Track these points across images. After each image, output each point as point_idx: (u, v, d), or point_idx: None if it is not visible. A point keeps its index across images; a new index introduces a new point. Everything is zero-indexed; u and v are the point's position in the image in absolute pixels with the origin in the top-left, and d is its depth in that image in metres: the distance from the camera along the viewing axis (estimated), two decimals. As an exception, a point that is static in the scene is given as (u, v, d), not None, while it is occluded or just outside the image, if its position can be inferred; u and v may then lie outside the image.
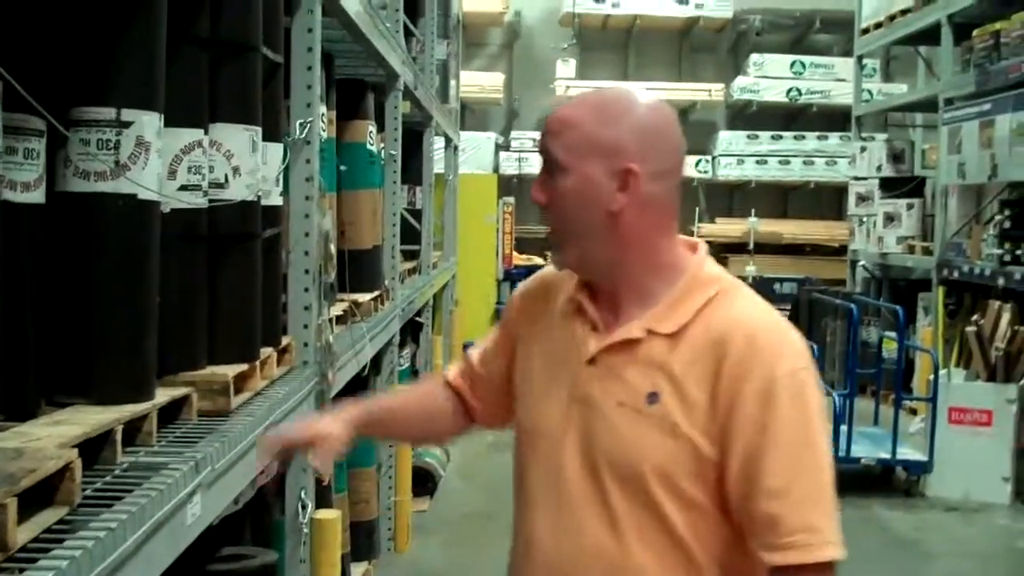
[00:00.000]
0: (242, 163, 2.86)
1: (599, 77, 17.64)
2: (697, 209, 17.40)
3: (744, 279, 13.31)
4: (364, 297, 4.93)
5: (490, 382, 2.26)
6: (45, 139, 2.24)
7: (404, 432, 2.54)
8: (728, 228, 17.36)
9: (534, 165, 17.00)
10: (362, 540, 5.47)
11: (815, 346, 7.63)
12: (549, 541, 1.99)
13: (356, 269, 5.11)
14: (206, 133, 2.73)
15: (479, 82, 16.59)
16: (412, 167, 8.12)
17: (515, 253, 13.60)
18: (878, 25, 12.01)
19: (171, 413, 2.53)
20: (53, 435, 1.96)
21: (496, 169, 15.88)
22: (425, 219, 8.15)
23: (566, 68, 17.48)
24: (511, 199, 13.81)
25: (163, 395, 2.45)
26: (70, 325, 2.31)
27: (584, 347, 1.98)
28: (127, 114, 2.32)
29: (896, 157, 12.05)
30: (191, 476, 2.17)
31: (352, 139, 5.14)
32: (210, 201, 2.77)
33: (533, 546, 2.02)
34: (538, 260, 14.51)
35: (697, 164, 17.37)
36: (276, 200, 3.24)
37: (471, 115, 16.95)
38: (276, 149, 3.22)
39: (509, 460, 2.16)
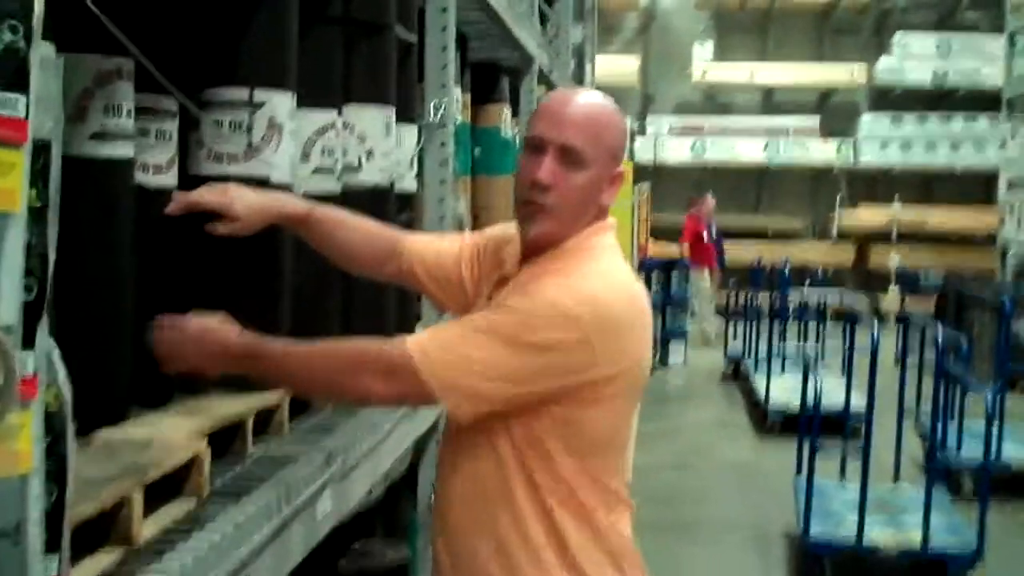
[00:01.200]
0: (376, 145, 2.79)
1: (737, 59, 17.34)
2: (838, 196, 16.97)
3: (887, 270, 12.85)
4: (499, 284, 4.84)
5: (448, 279, 2.36)
6: (177, 120, 2.20)
7: (338, 250, 2.39)
8: (870, 216, 16.88)
9: (670, 150, 16.83)
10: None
11: (964, 340, 7.30)
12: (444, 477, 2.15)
13: (491, 255, 5.04)
14: (339, 115, 2.67)
15: (613, 67, 16.40)
16: (547, 152, 8.02)
17: (651, 241, 13.41)
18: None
19: (304, 403, 2.48)
20: (184, 425, 1.91)
21: (631, 155, 15.68)
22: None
23: (703, 51, 17.21)
24: (646, 185, 13.61)
25: (295, 384, 2.39)
26: (204, 310, 2.26)
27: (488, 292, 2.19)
28: (259, 94, 2.27)
29: (1051, 141, 11.53)
30: (322, 469, 2.10)
31: (486, 123, 5.05)
32: (343, 185, 2.70)
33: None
34: (673, 249, 14.30)
35: (839, 149, 16.94)
36: (410, 184, 3.17)
37: (606, 100, 16.76)
38: (410, 132, 3.15)
39: (642, 456, 2.21)
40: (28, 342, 1.18)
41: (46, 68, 1.19)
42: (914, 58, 16.81)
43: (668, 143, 17.06)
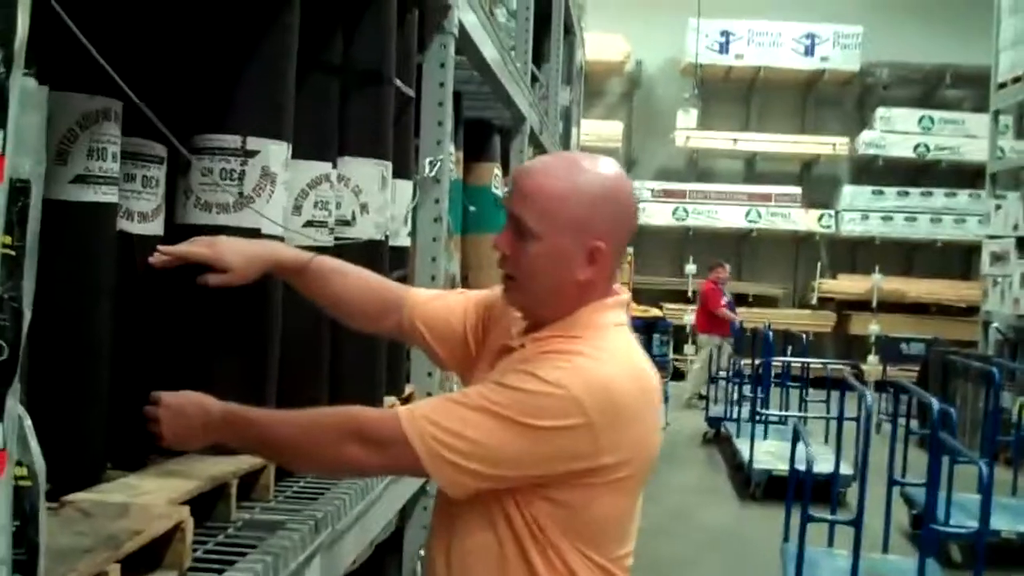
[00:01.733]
0: (371, 200, 2.69)
1: (720, 127, 17.42)
2: (819, 264, 16.98)
3: (867, 338, 12.87)
4: (486, 346, 4.73)
5: (453, 335, 2.27)
6: (165, 167, 2.09)
7: (337, 300, 2.33)
8: (850, 285, 16.92)
9: (652, 216, 16.82)
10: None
11: (953, 410, 7.22)
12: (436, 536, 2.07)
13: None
14: (334, 167, 2.57)
15: (598, 130, 16.44)
16: (533, 214, 7.96)
17: (633, 304, 13.32)
18: (1016, 79, 11.54)
19: (289, 465, 2.35)
20: (164, 488, 1.78)
21: (613, 219, 15.65)
22: (545, 267, 7.95)
23: (687, 118, 17.28)
24: (628, 248, 13.56)
25: (281, 446, 2.26)
26: (185, 366, 2.14)
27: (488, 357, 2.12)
28: (253, 142, 2.16)
29: (1034, 215, 11.54)
30: (311, 537, 1.98)
31: (477, 182, 4.97)
32: (336, 239, 2.60)
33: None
34: (655, 311, 14.25)
35: (820, 219, 16.99)
36: (404, 241, 3.07)
37: (589, 164, 16.77)
38: (406, 187, 3.05)
39: None
40: (-5, 411, 1.03)
41: (27, 100, 1.06)
42: (896, 132, 16.93)
43: (651, 207, 17.05)
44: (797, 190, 17.25)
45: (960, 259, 17.26)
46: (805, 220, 16.97)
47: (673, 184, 17.50)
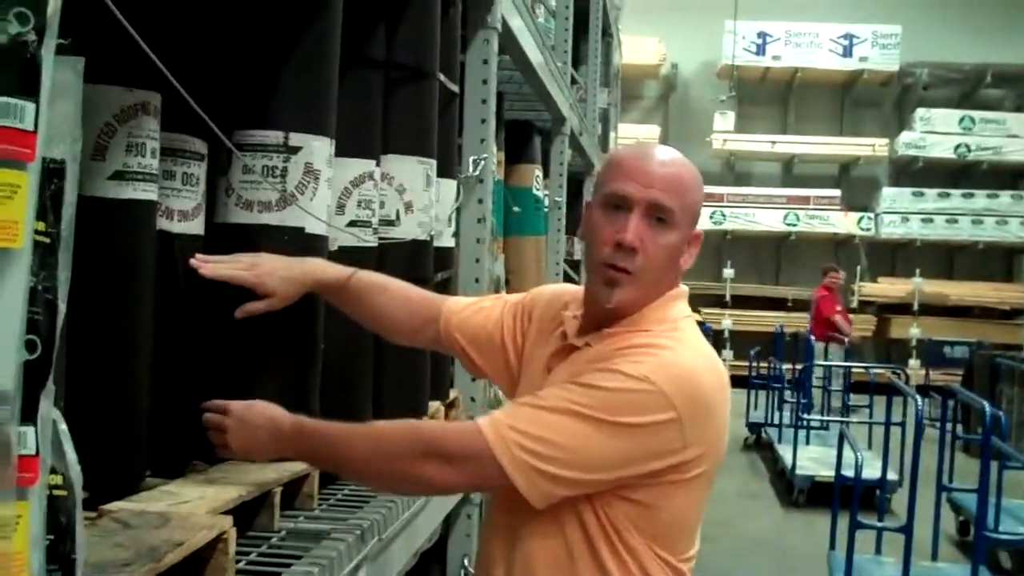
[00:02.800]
0: (415, 199, 2.62)
1: (757, 130, 17.29)
2: (859, 268, 16.79)
3: (908, 342, 12.67)
4: (527, 350, 4.65)
5: (490, 343, 2.23)
6: (205, 164, 2.02)
7: (377, 316, 2.30)
8: (891, 288, 16.71)
9: (689, 219, 16.65)
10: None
11: (1003, 414, 7.07)
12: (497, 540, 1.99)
13: (519, 320, 4.86)
14: (378, 164, 2.49)
15: (635, 134, 16.32)
16: (572, 217, 7.88)
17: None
18: (1061, 76, 11.35)
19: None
20: (205, 497, 1.71)
21: (651, 223, 15.54)
22: (583, 270, 7.87)
23: (724, 121, 17.14)
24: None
25: (325, 452, 2.19)
26: (227, 369, 2.07)
27: (549, 356, 2.05)
28: (296, 139, 2.09)
29: (1080, 216, 11.34)
30: (357, 547, 1.91)
31: (519, 183, 4.91)
32: (380, 239, 2.52)
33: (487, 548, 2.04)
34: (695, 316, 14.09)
35: (859, 221, 16.80)
36: (448, 241, 2.99)
37: (625, 168, 16.67)
38: (450, 186, 2.98)
39: None
40: (28, 414, 0.96)
41: (63, 72, 0.98)
42: (936, 133, 16.73)
43: (688, 212, 16.90)
44: (836, 192, 17.07)
45: (1002, 261, 17.04)
46: (844, 223, 16.79)
47: (710, 187, 17.33)
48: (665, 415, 1.79)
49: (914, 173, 17.03)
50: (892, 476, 8.03)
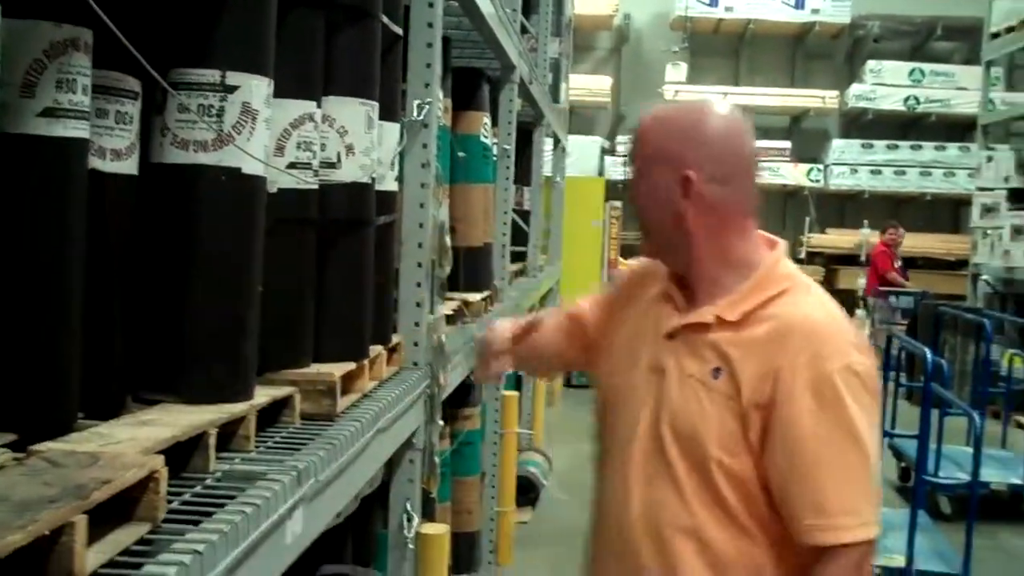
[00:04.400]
0: (356, 141, 2.59)
1: (709, 82, 17.27)
2: (807, 219, 16.89)
3: (855, 292, 12.80)
4: (475, 296, 4.65)
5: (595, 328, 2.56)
6: (140, 103, 1.99)
7: (541, 363, 2.85)
8: (839, 239, 16.84)
9: (641, 170, 16.68)
10: (464, 552, 5.18)
11: (945, 363, 7.17)
12: (622, 496, 2.20)
13: (467, 267, 4.85)
14: (319, 106, 2.46)
15: (587, 85, 16.28)
16: (521, 166, 7.84)
17: (620, 259, 13.23)
18: (1010, 29, 11.42)
19: (271, 416, 2.27)
20: (137, 438, 1.69)
21: (601, 173, 15.55)
22: (533, 220, 7.87)
23: (676, 72, 17.12)
24: (618, 203, 13.46)
25: (262, 395, 2.18)
26: (162, 313, 2.05)
27: (665, 325, 2.23)
28: (233, 77, 2.05)
29: (1024, 168, 11.47)
30: (292, 488, 1.90)
31: (467, 130, 4.87)
32: (321, 181, 2.50)
33: (608, 501, 2.28)
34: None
35: (809, 173, 16.89)
36: (391, 185, 2.97)
37: (577, 118, 16.63)
38: (392, 129, 2.95)
39: None
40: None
41: None
42: (886, 85, 16.80)
43: (639, 163, 16.92)
44: (786, 144, 17.14)
45: (949, 213, 17.21)
46: (794, 174, 16.87)
47: (662, 139, 17.36)
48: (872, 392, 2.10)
49: (864, 125, 17.13)
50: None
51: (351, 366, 2.55)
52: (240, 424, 2.05)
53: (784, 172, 16.90)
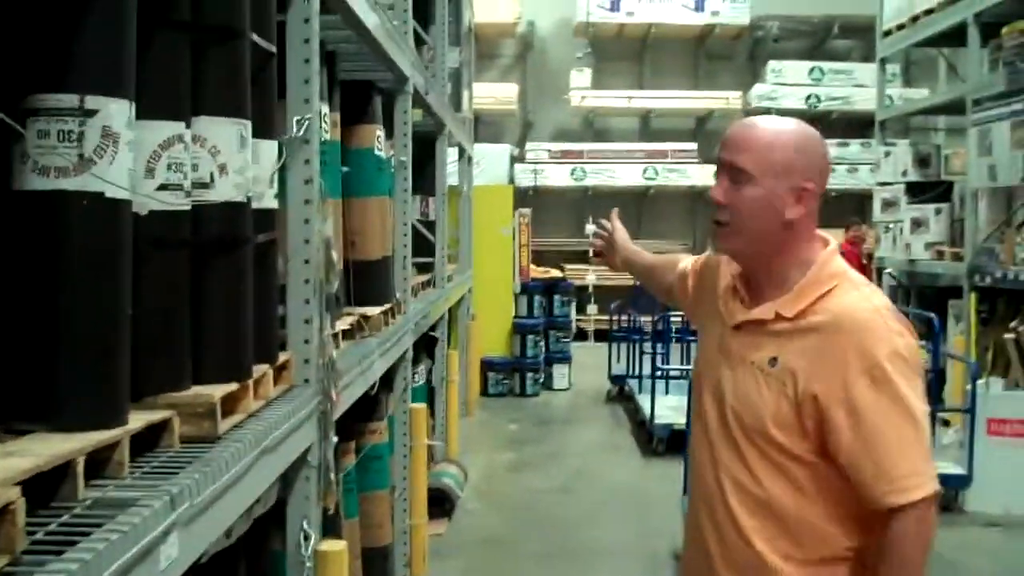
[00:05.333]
0: (229, 160, 2.58)
1: (615, 86, 17.46)
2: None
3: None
4: (373, 310, 4.64)
5: (684, 292, 2.91)
6: (-4, 130, 1.97)
7: (648, 282, 3.19)
8: (748, 238, 17.05)
9: (550, 177, 16.80)
10: (376, 566, 5.16)
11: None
12: (702, 461, 2.55)
13: (365, 281, 4.84)
14: (188, 127, 2.45)
15: (493, 93, 16.36)
16: (425, 177, 7.86)
17: (532, 266, 13.29)
18: (901, 27, 11.65)
19: (150, 440, 2.25)
20: (-2, 469, 1.68)
21: (511, 180, 15.60)
22: (439, 231, 7.88)
23: (581, 78, 17.28)
24: (527, 210, 13.51)
25: (138, 420, 2.17)
26: (29, 341, 2.03)
27: (734, 317, 2.51)
28: (91, 101, 2.04)
29: (922, 161, 11.69)
30: (164, 513, 1.89)
31: (359, 144, 4.86)
32: (194, 202, 2.49)
33: (696, 463, 2.60)
34: (555, 272, 14.23)
35: (714, 173, 17.06)
36: (270, 203, 2.96)
37: (485, 127, 16.70)
38: (270, 147, 2.94)
39: (527, 482, 2.35)
40: None
41: None
42: (787, 85, 17.10)
43: (548, 169, 17.03)
44: (693, 146, 17.35)
45: (855, 208, 17.50)
46: (701, 175, 17.07)
47: (570, 144, 17.49)
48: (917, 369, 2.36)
49: (767, 125, 17.37)
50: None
51: (232, 387, 2.54)
52: (113, 450, 2.03)
53: (692, 173, 17.12)
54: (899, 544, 2.28)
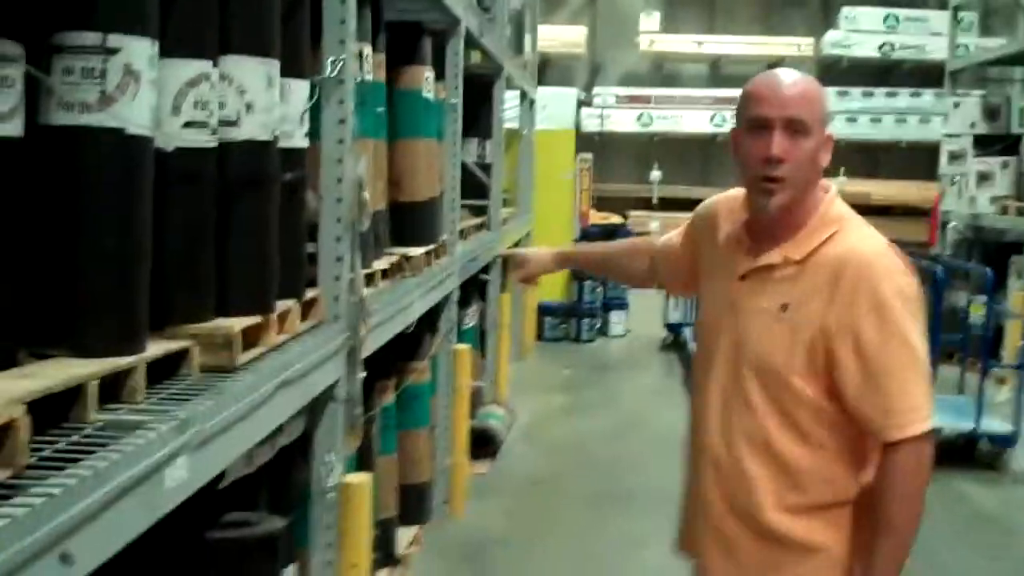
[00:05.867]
0: (256, 99, 2.65)
1: (685, 30, 17.24)
2: (783, 168, 16.90)
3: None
4: (416, 251, 4.71)
5: (678, 265, 2.91)
6: (22, 65, 2.04)
7: (606, 272, 3.42)
8: (815, 188, 16.85)
9: (616, 122, 16.71)
10: (412, 503, 5.28)
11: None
12: (710, 415, 2.57)
13: (410, 222, 4.91)
14: (215, 65, 2.52)
15: (560, 36, 16.25)
16: (481, 119, 7.89)
17: (593, 211, 13.28)
18: (976, -25, 11.41)
19: (170, 368, 2.34)
20: (10, 390, 1.77)
21: (578, 125, 15.55)
22: (495, 174, 7.91)
23: (650, 21, 17.09)
24: (588, 155, 13.48)
25: (157, 348, 2.26)
26: (52, 269, 2.12)
27: (739, 266, 2.54)
28: (114, 40, 2.11)
29: (992, 113, 11.50)
30: (171, 436, 1.98)
31: (407, 86, 4.91)
32: (220, 140, 2.56)
33: (701, 419, 2.62)
34: (616, 218, 14.21)
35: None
36: (300, 142, 3.02)
37: (553, 70, 16.62)
38: (300, 87, 3.00)
39: (577, 425, 2.53)
40: None
41: None
42: (861, 32, 16.78)
43: (615, 114, 16.94)
44: (762, 93, 17.12)
45: (926, 160, 17.20)
46: (769, 123, 16.85)
47: (638, 89, 17.36)
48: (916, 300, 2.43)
49: (840, 73, 17.11)
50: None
51: (255, 320, 2.63)
52: (129, 376, 2.12)
53: (759, 121, 16.91)
54: (899, 477, 2.38)
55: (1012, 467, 7.55)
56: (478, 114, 7.76)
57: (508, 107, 9.18)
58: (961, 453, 7.71)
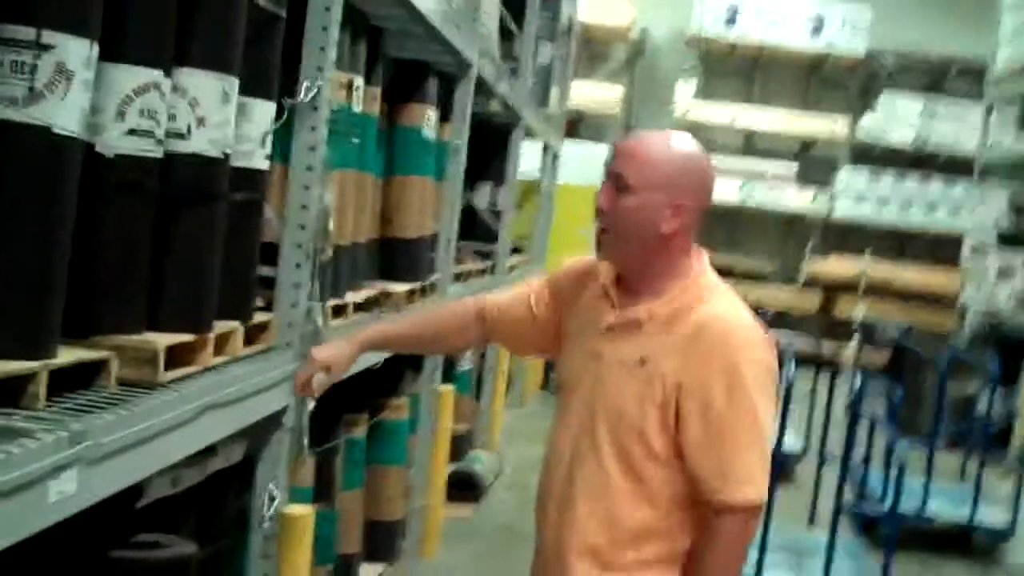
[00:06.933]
0: (209, 115, 2.60)
1: (721, 100, 17.23)
2: (809, 243, 16.83)
3: (850, 321, 12.72)
4: (398, 287, 4.64)
5: (534, 327, 2.82)
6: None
7: (421, 349, 3.30)
8: (840, 266, 16.72)
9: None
10: (380, 540, 5.19)
11: (899, 393, 7.10)
12: (559, 461, 2.61)
13: (397, 258, 4.86)
14: (167, 76, 2.47)
15: (596, 94, 16.28)
16: (496, 166, 7.86)
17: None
18: (1018, 72, 11.32)
19: (85, 378, 2.27)
20: None
21: (605, 185, 15.51)
22: (504, 220, 7.88)
23: (688, 88, 17.10)
24: (612, 215, 13.38)
25: (69, 356, 2.19)
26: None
27: (605, 319, 2.56)
28: (49, 36, 2.06)
29: (1019, 210, 11.38)
30: (58, 447, 1.90)
31: (407, 123, 4.88)
32: (167, 152, 2.51)
33: (550, 464, 2.66)
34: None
35: (814, 199, 16.81)
36: (260, 163, 2.96)
37: (587, 126, 16.65)
38: (265, 107, 2.96)
39: None
40: None
41: None
42: (898, 118, 16.72)
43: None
44: (793, 167, 17.08)
45: (952, 249, 17.05)
46: (799, 198, 16.81)
47: (670, 155, 17.31)
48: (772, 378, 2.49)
49: (873, 156, 17.02)
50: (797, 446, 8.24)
51: (186, 337, 2.56)
52: (30, 381, 2.05)
53: (788, 195, 16.85)
54: (722, 544, 2.43)
55: (1008, 560, 7.38)
56: (493, 160, 7.74)
57: (528, 157, 9.14)
58: (956, 542, 7.55)
